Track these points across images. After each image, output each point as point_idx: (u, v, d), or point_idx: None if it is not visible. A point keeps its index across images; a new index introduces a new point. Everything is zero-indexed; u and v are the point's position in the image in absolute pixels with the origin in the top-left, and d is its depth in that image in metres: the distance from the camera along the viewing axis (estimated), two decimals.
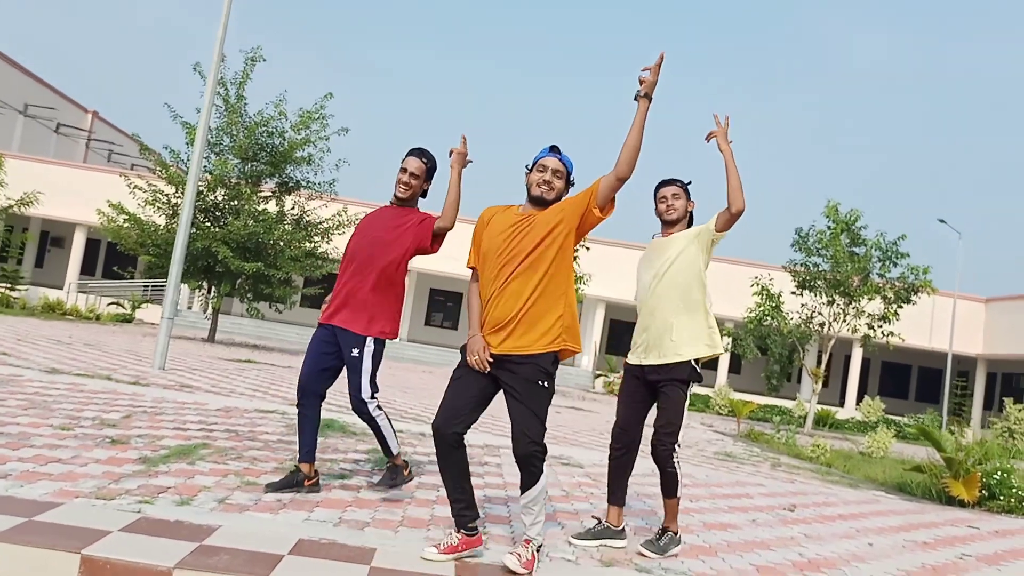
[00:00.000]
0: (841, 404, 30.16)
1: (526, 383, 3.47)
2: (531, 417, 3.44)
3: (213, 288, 19.52)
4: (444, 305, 35.15)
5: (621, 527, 4.21)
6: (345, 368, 4.39)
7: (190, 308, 29.21)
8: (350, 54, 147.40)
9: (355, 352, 4.30)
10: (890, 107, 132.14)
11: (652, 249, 4.31)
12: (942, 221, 28.70)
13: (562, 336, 3.56)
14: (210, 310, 20.78)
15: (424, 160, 4.40)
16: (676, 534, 4.18)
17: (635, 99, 3.60)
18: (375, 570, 3.23)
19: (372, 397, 4.33)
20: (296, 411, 4.46)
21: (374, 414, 4.36)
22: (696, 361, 4.12)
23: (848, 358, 30.80)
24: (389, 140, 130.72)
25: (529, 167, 3.72)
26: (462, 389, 3.54)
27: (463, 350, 3.60)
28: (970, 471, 8.08)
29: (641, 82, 3.58)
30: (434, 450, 3.51)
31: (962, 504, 7.98)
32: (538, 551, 3.54)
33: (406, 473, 4.62)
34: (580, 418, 12.97)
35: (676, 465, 4.11)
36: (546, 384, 3.51)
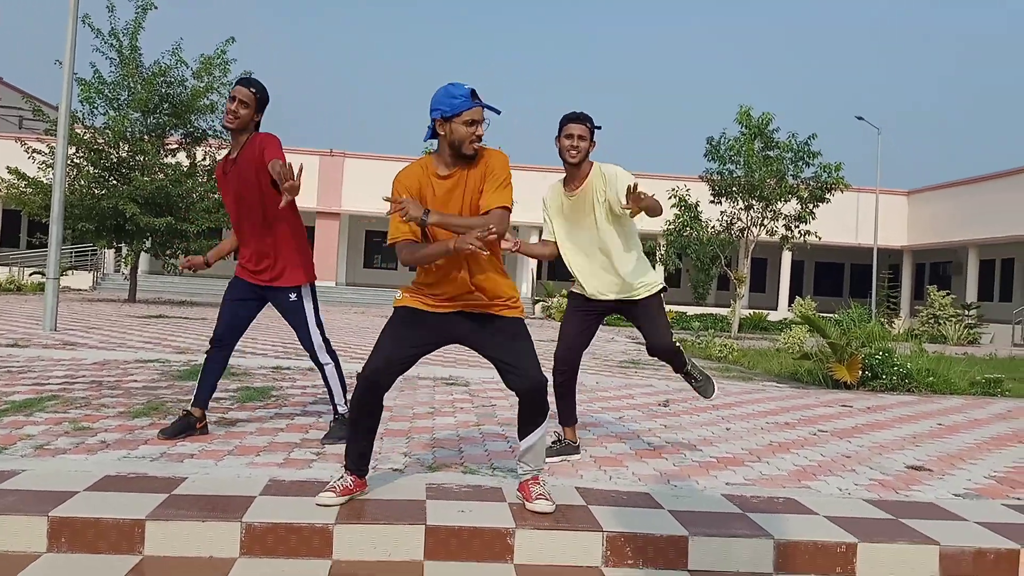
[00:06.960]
0: (775, 307, 30.84)
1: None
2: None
3: (125, 247, 19.10)
4: (380, 246, 34.82)
5: (577, 443, 4.46)
6: (288, 321, 4.35)
7: (117, 271, 28.54)
8: None
9: (292, 296, 4.29)
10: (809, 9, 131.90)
11: (568, 207, 4.24)
12: (860, 118, 29.01)
13: None
14: (126, 269, 20.32)
15: (253, 90, 4.19)
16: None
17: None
18: (173, 497, 3.23)
19: (324, 341, 4.35)
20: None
21: (323, 362, 4.36)
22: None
23: (780, 261, 31.38)
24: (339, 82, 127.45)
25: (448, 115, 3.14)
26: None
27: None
28: (853, 354, 8.34)
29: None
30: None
31: (846, 386, 8.26)
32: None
33: None
34: None
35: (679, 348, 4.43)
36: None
